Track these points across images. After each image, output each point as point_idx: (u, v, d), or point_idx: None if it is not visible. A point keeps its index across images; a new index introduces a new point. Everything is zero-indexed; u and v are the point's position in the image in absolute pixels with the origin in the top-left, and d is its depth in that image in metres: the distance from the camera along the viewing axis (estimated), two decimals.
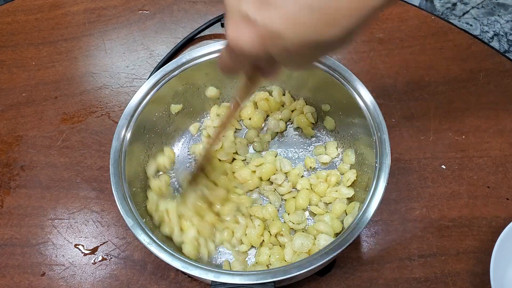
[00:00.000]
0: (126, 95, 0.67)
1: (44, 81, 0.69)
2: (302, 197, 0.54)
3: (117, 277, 0.54)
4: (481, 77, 0.66)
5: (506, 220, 0.55)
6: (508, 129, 0.61)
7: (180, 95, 0.58)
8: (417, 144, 0.61)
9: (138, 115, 0.53)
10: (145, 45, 0.72)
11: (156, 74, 0.54)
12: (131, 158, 0.51)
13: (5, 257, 0.56)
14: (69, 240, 0.57)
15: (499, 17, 1.52)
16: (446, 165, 0.59)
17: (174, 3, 0.75)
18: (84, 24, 0.74)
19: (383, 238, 0.55)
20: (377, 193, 0.45)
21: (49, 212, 0.59)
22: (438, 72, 0.66)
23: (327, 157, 0.57)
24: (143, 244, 0.44)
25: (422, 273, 0.53)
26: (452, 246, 0.54)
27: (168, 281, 0.54)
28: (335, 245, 0.43)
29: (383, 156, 0.47)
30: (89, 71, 0.70)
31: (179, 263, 0.43)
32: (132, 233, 0.45)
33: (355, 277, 0.53)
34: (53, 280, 0.55)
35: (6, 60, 0.72)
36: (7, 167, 0.62)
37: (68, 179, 0.61)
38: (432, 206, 0.57)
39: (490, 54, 0.67)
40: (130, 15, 0.75)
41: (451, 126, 0.62)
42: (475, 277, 0.52)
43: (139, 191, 0.52)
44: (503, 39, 1.48)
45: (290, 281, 0.47)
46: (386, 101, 0.64)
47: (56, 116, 0.66)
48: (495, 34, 1.49)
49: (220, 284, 0.42)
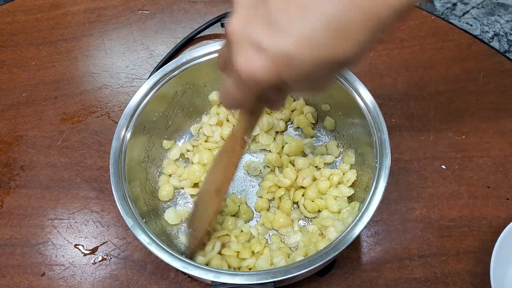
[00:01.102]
0: (126, 95, 0.67)
1: (44, 81, 0.69)
2: (311, 189, 0.54)
3: (117, 277, 0.54)
4: (481, 77, 0.66)
5: (506, 220, 0.55)
6: (508, 129, 0.61)
7: (180, 95, 0.58)
8: (417, 144, 0.61)
9: (138, 115, 0.53)
10: (145, 45, 0.72)
11: (156, 74, 0.54)
12: (131, 158, 0.51)
13: (5, 257, 0.56)
14: (69, 240, 0.57)
15: (499, 17, 1.52)
16: (446, 165, 0.59)
17: (174, 3, 0.75)
18: (84, 24, 0.74)
19: (383, 238, 0.55)
20: (377, 193, 0.45)
21: (49, 212, 0.59)
22: (438, 72, 0.66)
23: (331, 157, 0.57)
24: (143, 244, 0.44)
25: (422, 273, 0.53)
26: (452, 246, 0.54)
27: (168, 281, 0.54)
28: (335, 245, 0.43)
29: (383, 156, 0.47)
30: (89, 71, 0.70)
31: (179, 263, 0.43)
32: (132, 233, 0.45)
33: (355, 277, 0.53)
34: (53, 280, 0.55)
35: (6, 60, 0.72)
36: (7, 167, 0.62)
37: (68, 179, 0.61)
38: (432, 206, 0.57)
39: (490, 54, 0.67)
40: (130, 15, 0.75)
41: (451, 126, 0.62)
42: (475, 277, 0.52)
43: (139, 191, 0.52)
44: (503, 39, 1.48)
45: (290, 281, 0.47)
46: (386, 101, 0.64)
47: (56, 116, 0.66)
48: (495, 34, 1.49)
49: (220, 284, 0.42)
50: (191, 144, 0.59)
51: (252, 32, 0.27)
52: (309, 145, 0.58)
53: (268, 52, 0.27)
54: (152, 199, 0.55)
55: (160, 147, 0.58)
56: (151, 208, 0.53)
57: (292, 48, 0.26)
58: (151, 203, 0.54)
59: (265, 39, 0.27)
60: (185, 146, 0.59)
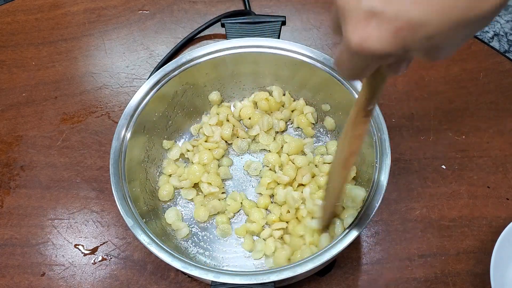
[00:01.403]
0: (126, 95, 0.67)
1: (44, 81, 0.69)
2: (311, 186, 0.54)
3: (117, 277, 0.54)
4: (481, 77, 0.66)
5: (506, 220, 0.55)
6: (508, 129, 0.61)
7: (180, 95, 0.58)
8: (417, 144, 0.61)
9: (138, 115, 0.53)
10: (145, 45, 0.72)
11: (156, 74, 0.54)
12: (131, 158, 0.52)
13: (5, 257, 0.56)
14: (69, 240, 0.57)
15: (499, 17, 1.52)
16: (446, 165, 0.59)
17: (174, 3, 0.75)
18: (84, 24, 0.74)
19: (383, 238, 0.55)
20: (377, 193, 0.45)
21: (49, 212, 0.59)
22: (438, 72, 0.66)
23: (331, 157, 0.57)
24: (143, 244, 0.44)
25: (422, 273, 0.53)
26: (452, 246, 0.54)
27: (168, 281, 0.54)
28: (335, 245, 0.43)
29: (383, 156, 0.47)
30: (89, 71, 0.70)
31: (179, 263, 0.43)
32: (132, 233, 0.45)
33: (355, 277, 0.53)
34: (53, 280, 0.55)
35: (6, 60, 0.72)
36: (7, 167, 0.62)
37: (68, 179, 0.61)
38: (432, 206, 0.57)
39: (490, 54, 0.67)
40: (130, 15, 0.75)
41: (451, 126, 0.62)
42: (475, 277, 0.52)
43: (139, 191, 0.52)
44: (503, 39, 1.48)
45: (290, 281, 0.47)
46: (386, 101, 0.64)
47: (56, 116, 0.66)
48: (495, 34, 1.49)
49: (220, 284, 0.42)
50: (191, 144, 0.59)
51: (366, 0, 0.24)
52: (309, 145, 0.58)
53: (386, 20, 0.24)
54: (152, 199, 0.55)
55: (160, 147, 0.58)
56: (151, 208, 0.53)
57: (418, 12, 0.23)
58: (151, 203, 0.54)
59: (384, 5, 0.24)
60: (185, 146, 0.59)
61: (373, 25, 0.24)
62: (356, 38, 0.25)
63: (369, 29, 0.25)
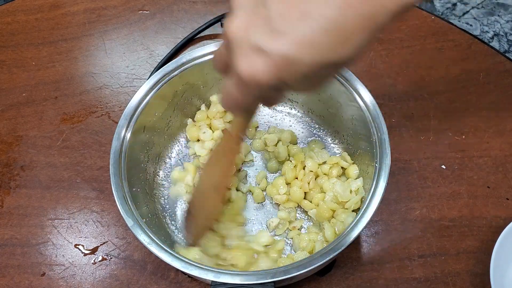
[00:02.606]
0: (126, 95, 0.67)
1: (44, 81, 0.69)
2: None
3: (117, 277, 0.54)
4: (481, 77, 0.66)
5: (506, 220, 0.55)
6: (508, 129, 0.61)
7: (180, 95, 0.58)
8: (417, 144, 0.61)
9: (138, 115, 0.53)
10: (145, 45, 0.72)
11: (156, 74, 0.54)
12: (131, 158, 0.52)
13: (5, 257, 0.56)
14: (69, 240, 0.57)
15: (499, 17, 1.52)
16: (446, 165, 0.59)
17: (174, 3, 0.75)
18: (84, 24, 0.74)
19: (383, 238, 0.55)
20: (377, 193, 0.45)
21: (49, 212, 0.59)
22: (438, 72, 0.66)
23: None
24: (143, 244, 0.44)
25: (422, 273, 0.53)
26: (452, 246, 0.54)
27: (168, 281, 0.54)
28: (335, 245, 0.43)
29: (383, 156, 0.47)
30: (89, 71, 0.70)
31: (179, 263, 0.43)
32: (132, 233, 0.45)
33: (355, 277, 0.53)
34: (53, 280, 0.55)
35: (6, 60, 0.72)
36: (7, 167, 0.62)
37: (68, 179, 0.61)
38: (432, 206, 0.57)
39: (490, 54, 0.67)
40: (130, 15, 0.75)
41: (451, 126, 0.62)
42: (475, 277, 0.52)
43: (139, 191, 0.52)
44: (503, 39, 1.48)
45: (290, 281, 0.47)
46: (386, 101, 0.64)
47: (56, 116, 0.66)
48: (495, 34, 1.49)
49: (220, 284, 0.42)
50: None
51: (254, 35, 0.28)
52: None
53: (269, 55, 0.27)
54: (152, 199, 0.55)
55: (160, 147, 0.58)
56: (151, 208, 0.53)
57: (293, 52, 0.27)
58: (151, 203, 0.54)
59: (267, 42, 0.27)
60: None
61: (260, 59, 0.27)
62: (245, 69, 0.28)
63: (256, 62, 0.28)
